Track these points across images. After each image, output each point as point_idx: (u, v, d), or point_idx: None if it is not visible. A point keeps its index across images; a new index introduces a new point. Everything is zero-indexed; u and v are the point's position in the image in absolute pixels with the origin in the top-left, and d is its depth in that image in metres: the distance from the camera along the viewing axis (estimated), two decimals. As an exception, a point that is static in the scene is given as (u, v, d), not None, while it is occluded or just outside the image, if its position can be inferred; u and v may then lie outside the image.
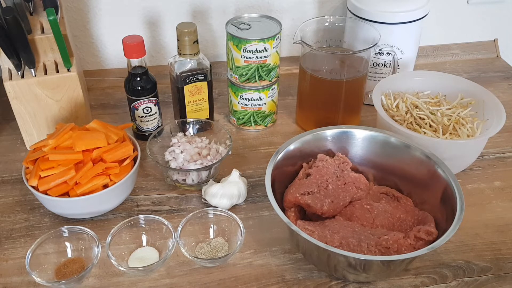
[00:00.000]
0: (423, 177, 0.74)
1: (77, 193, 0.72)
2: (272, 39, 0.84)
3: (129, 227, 0.72)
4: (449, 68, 1.18)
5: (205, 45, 1.12)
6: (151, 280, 0.69)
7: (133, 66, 0.85)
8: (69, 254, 0.71)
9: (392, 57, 0.92)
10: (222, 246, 0.72)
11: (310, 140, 0.77)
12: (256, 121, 0.95)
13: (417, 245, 0.65)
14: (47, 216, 0.78)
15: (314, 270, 0.70)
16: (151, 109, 0.89)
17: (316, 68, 0.89)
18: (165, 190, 0.83)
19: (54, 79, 0.83)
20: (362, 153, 0.79)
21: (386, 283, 0.68)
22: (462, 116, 0.83)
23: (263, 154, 0.91)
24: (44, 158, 0.72)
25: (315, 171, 0.75)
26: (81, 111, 0.88)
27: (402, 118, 0.85)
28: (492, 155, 0.91)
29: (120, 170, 0.75)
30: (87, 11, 1.04)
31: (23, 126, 0.86)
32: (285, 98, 1.05)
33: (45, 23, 0.86)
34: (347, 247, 0.65)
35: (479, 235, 0.76)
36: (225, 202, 0.77)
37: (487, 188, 0.84)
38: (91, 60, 1.10)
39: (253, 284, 0.68)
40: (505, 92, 1.09)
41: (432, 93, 0.90)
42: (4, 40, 0.76)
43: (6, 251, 0.72)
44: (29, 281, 0.68)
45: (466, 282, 0.69)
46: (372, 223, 0.71)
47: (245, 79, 0.89)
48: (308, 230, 0.67)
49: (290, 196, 0.72)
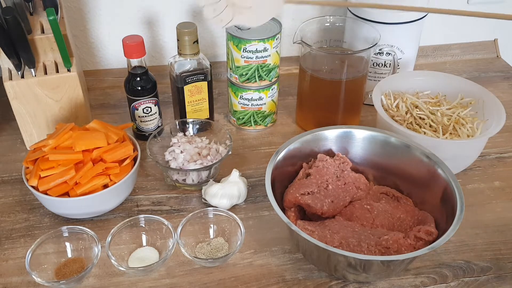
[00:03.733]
0: (423, 177, 0.74)
1: (77, 193, 0.72)
2: (272, 39, 0.84)
3: (129, 227, 0.72)
4: (449, 68, 1.18)
5: (205, 45, 1.12)
6: (151, 280, 0.69)
7: (133, 66, 0.85)
8: (69, 254, 0.71)
9: (392, 57, 0.92)
10: (222, 246, 0.72)
11: (310, 140, 0.77)
12: (256, 121, 0.95)
13: (417, 245, 0.65)
14: (47, 216, 0.78)
15: (314, 270, 0.70)
16: (151, 109, 0.89)
17: (316, 68, 0.89)
18: (165, 190, 0.83)
19: (54, 79, 0.83)
20: (362, 153, 0.79)
21: (386, 283, 0.68)
22: (462, 116, 0.83)
23: (263, 154, 0.91)
24: (44, 158, 0.72)
25: (315, 171, 0.75)
26: (81, 111, 0.88)
27: (402, 118, 0.85)
28: (492, 155, 0.91)
29: (120, 170, 0.75)
30: (87, 11, 1.04)
31: (23, 126, 0.86)
32: (285, 98, 1.05)
33: (45, 23, 0.86)
34: (347, 247, 0.65)
35: (479, 235, 0.76)
36: (225, 202, 0.77)
37: (487, 188, 0.84)
38: (91, 60, 1.10)
39: (253, 284, 0.68)
40: (505, 92, 1.09)
41: (432, 93, 0.90)
42: (4, 40, 0.76)
43: (6, 251, 0.72)
44: (29, 281, 0.68)
45: (466, 282, 0.69)
46: (372, 223, 0.71)
47: (245, 79, 0.89)
48: (308, 230, 0.67)
49: (290, 196, 0.72)
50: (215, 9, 0.63)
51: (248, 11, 0.63)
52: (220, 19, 0.63)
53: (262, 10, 0.64)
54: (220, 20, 0.63)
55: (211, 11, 0.63)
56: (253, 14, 0.64)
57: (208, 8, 0.63)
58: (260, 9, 0.64)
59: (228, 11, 0.63)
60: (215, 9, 0.63)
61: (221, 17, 0.63)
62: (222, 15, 0.63)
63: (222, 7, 0.62)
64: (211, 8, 0.63)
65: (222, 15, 0.63)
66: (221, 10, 0.62)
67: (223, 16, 0.63)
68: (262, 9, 0.64)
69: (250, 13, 0.63)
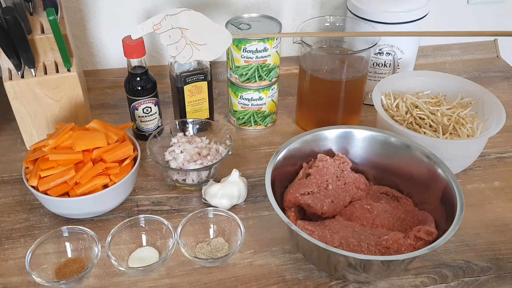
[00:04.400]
0: (423, 177, 0.74)
1: (77, 193, 0.72)
2: (272, 39, 0.84)
3: (129, 227, 0.72)
4: (449, 68, 1.18)
5: (205, 45, 1.12)
6: (151, 280, 0.69)
7: (133, 66, 0.85)
8: (69, 254, 0.71)
9: (392, 57, 0.92)
10: (222, 246, 0.72)
11: (310, 140, 0.77)
12: (256, 121, 0.95)
13: (417, 245, 0.65)
14: (47, 216, 0.78)
15: (314, 270, 0.70)
16: (151, 109, 0.89)
17: (316, 68, 0.89)
18: (165, 190, 0.83)
19: (54, 79, 0.83)
20: (362, 153, 0.79)
21: (386, 283, 0.68)
22: (462, 116, 0.83)
23: (263, 154, 0.91)
24: (44, 158, 0.72)
25: (315, 171, 0.75)
26: (81, 111, 0.88)
27: (402, 118, 0.85)
28: (492, 155, 0.91)
29: (120, 170, 0.75)
30: (87, 11, 1.04)
31: (23, 126, 0.86)
32: (285, 98, 1.05)
33: (45, 23, 0.86)
34: (347, 247, 0.65)
35: (479, 235, 0.76)
36: (225, 202, 0.77)
37: (487, 188, 0.84)
38: (91, 60, 1.10)
39: (253, 284, 0.68)
40: (505, 92, 1.09)
41: (432, 93, 0.90)
42: (4, 40, 0.76)
43: (6, 251, 0.72)
44: (29, 281, 0.68)
45: (466, 282, 0.69)
46: (372, 223, 0.71)
47: (245, 79, 0.89)
48: (308, 230, 0.67)
49: (290, 196, 0.72)
50: (177, 47, 0.74)
51: (204, 47, 0.75)
52: (183, 56, 0.75)
53: (214, 45, 0.76)
54: (183, 57, 0.75)
55: (174, 49, 0.74)
56: (208, 50, 0.75)
57: (171, 47, 0.74)
58: (213, 45, 0.75)
59: (188, 49, 0.74)
60: (177, 47, 0.74)
61: (183, 54, 0.75)
62: (183, 52, 0.74)
63: (182, 45, 0.74)
64: (173, 46, 0.74)
65: (183, 52, 0.74)
66: (182, 48, 0.74)
67: (184, 53, 0.75)
68: (214, 45, 0.76)
69: (205, 49, 0.75)
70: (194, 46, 0.73)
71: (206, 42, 0.75)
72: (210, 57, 0.76)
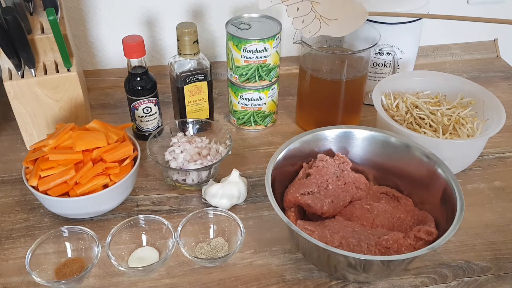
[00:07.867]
0: (423, 177, 0.74)
1: (77, 193, 0.72)
2: (272, 39, 0.84)
3: (129, 227, 0.72)
4: (449, 68, 1.18)
5: (205, 45, 1.12)
6: (151, 280, 0.69)
7: (133, 66, 0.85)
8: (69, 254, 0.71)
9: (392, 57, 0.92)
10: (222, 246, 0.72)
11: (310, 140, 0.77)
12: (256, 121, 0.95)
13: (417, 245, 0.65)
14: (47, 216, 0.78)
15: (314, 270, 0.70)
16: (151, 109, 0.89)
17: (316, 68, 0.89)
18: (165, 190, 0.83)
19: (54, 79, 0.83)
20: (362, 153, 0.79)
21: (386, 283, 0.68)
22: (462, 116, 0.83)
23: (263, 154, 0.91)
24: (44, 158, 0.72)
25: (315, 171, 0.75)
26: (81, 111, 0.88)
27: (402, 118, 0.85)
28: (492, 155, 0.91)
29: (120, 170, 0.75)
30: (87, 11, 1.04)
31: (23, 126, 0.86)
32: (285, 98, 1.05)
33: (45, 23, 0.86)
34: (347, 247, 0.65)
35: (479, 235, 0.76)
36: (225, 202, 0.77)
37: (487, 188, 0.84)
38: (91, 60, 1.10)
39: (253, 284, 0.68)
40: (505, 92, 1.09)
41: (432, 93, 0.90)
42: (4, 40, 0.77)
43: (6, 251, 0.72)
44: (29, 281, 0.68)
45: (466, 282, 0.69)
46: (372, 223, 0.71)
47: (245, 79, 0.89)
48: (308, 230, 0.67)
49: (290, 196, 0.72)
50: (303, 21, 0.69)
51: (334, 23, 0.69)
52: (308, 30, 0.70)
53: (346, 22, 0.70)
54: (308, 31, 0.70)
55: (300, 22, 0.69)
56: (338, 25, 0.70)
57: (297, 20, 0.69)
58: (344, 21, 0.70)
59: (316, 23, 0.69)
60: (304, 20, 0.69)
61: (309, 28, 0.70)
62: (310, 26, 0.69)
63: (310, 19, 0.69)
64: (300, 20, 0.69)
65: (310, 26, 0.69)
66: (309, 22, 0.69)
67: (311, 27, 0.70)
68: (346, 21, 0.70)
69: (336, 25, 0.69)
70: (323, 20, 0.69)
71: (338, 17, 0.70)
72: (339, 33, 0.71)
